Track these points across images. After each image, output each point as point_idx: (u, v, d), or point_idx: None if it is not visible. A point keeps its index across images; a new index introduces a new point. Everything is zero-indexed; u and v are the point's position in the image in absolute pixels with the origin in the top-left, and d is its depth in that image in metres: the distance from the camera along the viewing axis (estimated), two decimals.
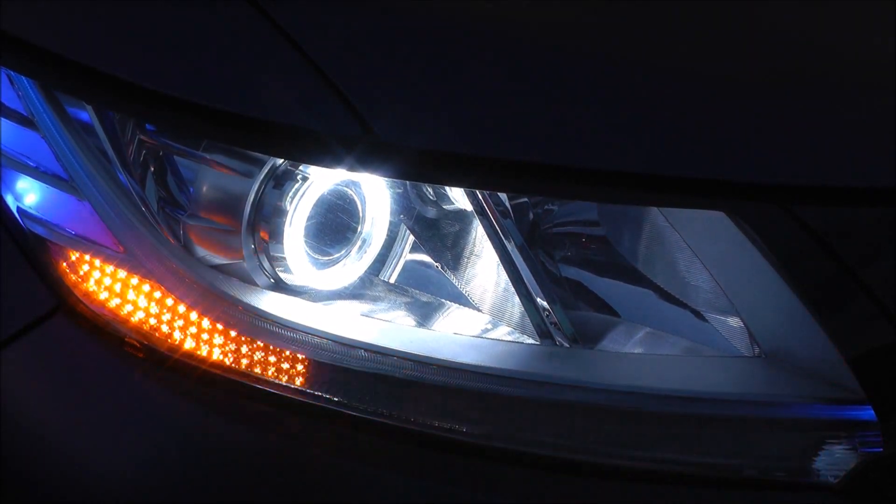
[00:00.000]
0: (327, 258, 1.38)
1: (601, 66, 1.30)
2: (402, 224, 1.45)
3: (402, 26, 1.30)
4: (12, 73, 1.38)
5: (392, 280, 1.47)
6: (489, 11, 1.32)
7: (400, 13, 1.30)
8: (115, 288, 1.36)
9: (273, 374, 1.31)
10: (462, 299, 1.43)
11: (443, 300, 1.44)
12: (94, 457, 1.33)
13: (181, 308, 1.34)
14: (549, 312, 1.32)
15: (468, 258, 1.43)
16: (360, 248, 1.40)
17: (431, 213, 1.43)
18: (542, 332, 1.32)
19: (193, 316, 1.33)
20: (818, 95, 1.32)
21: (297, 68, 1.25)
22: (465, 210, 1.42)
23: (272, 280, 1.35)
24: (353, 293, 1.41)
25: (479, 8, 1.32)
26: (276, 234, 1.33)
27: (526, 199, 1.35)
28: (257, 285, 1.34)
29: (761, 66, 1.33)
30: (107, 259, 1.36)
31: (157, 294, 1.34)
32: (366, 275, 1.42)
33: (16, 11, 1.35)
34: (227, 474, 1.29)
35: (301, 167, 1.33)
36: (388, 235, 1.43)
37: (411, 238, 1.47)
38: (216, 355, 1.33)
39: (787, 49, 1.36)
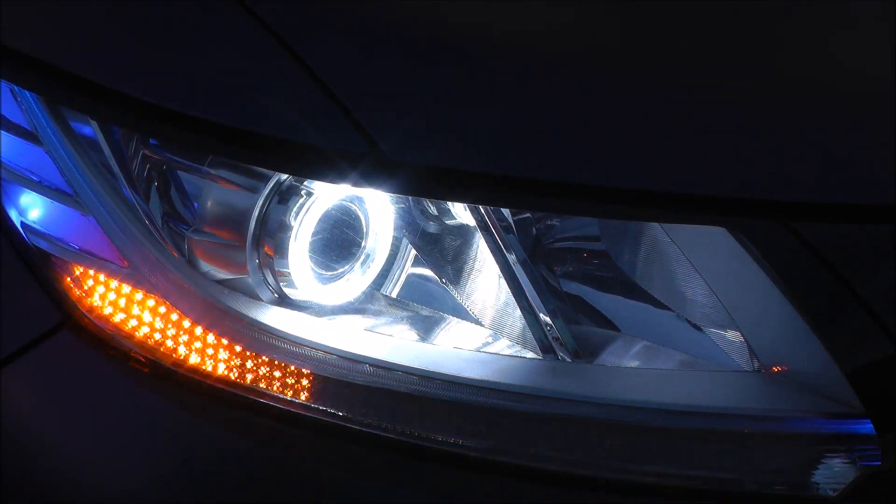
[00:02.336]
0: (331, 273, 1.38)
1: (604, 82, 1.31)
2: (404, 239, 1.46)
3: (408, 43, 1.30)
4: (15, 87, 1.38)
5: (394, 294, 1.47)
6: (495, 28, 1.33)
7: (405, 30, 1.31)
8: (119, 303, 1.36)
9: (278, 388, 1.31)
10: (463, 313, 1.44)
11: (444, 314, 1.44)
12: (100, 472, 1.32)
13: (186, 323, 1.34)
14: (552, 327, 1.32)
15: (470, 273, 1.43)
16: (364, 262, 1.40)
17: (434, 227, 1.43)
18: (545, 347, 1.32)
19: (198, 331, 1.33)
20: (818, 111, 1.33)
21: (303, 84, 1.25)
22: (467, 225, 1.42)
23: (276, 295, 1.35)
24: (357, 308, 1.41)
25: (484, 25, 1.33)
26: (281, 250, 1.33)
27: (528, 215, 1.36)
28: (262, 300, 1.34)
29: (761, 81, 1.33)
30: (111, 274, 1.36)
31: (162, 309, 1.34)
32: (369, 289, 1.42)
33: (18, 25, 1.35)
34: (232, 489, 1.29)
35: (306, 183, 1.33)
36: (390, 250, 1.43)
37: (412, 252, 1.47)
38: (221, 370, 1.33)
39: (786, 65, 1.37)
